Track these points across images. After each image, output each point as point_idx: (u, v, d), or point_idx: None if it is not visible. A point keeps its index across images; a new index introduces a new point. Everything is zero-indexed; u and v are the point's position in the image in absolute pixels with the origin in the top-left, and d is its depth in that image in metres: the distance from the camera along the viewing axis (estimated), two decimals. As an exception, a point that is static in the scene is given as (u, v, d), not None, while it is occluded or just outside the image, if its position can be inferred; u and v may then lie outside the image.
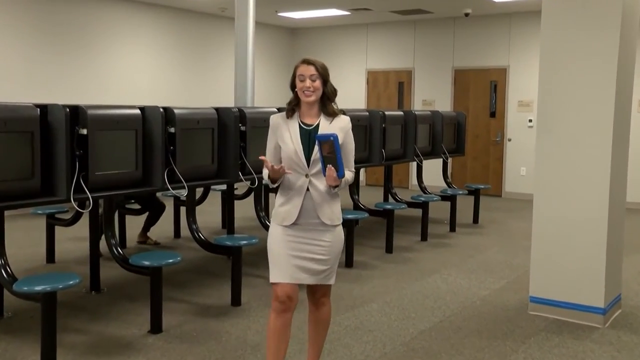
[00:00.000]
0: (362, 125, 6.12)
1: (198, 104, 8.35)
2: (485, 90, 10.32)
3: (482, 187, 7.94)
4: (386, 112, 6.45)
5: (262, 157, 2.72)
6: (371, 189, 10.63)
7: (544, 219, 4.19)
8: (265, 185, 5.27)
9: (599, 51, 3.89)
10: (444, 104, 10.55)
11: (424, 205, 6.73)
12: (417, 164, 7.45)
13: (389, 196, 7.30)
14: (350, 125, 2.82)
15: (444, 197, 7.25)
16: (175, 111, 4.13)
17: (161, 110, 3.98)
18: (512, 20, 9.99)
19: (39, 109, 3.40)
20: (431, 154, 7.38)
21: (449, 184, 7.97)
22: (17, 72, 8.13)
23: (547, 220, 4.18)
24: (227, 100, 9.34)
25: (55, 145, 3.44)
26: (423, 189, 7.61)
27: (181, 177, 4.10)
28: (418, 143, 7.00)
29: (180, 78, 10.14)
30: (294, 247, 2.73)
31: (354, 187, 6.64)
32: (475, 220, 7.76)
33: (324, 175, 2.67)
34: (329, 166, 2.63)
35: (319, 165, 2.69)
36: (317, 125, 2.76)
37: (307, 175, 2.72)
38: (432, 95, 10.79)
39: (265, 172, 2.74)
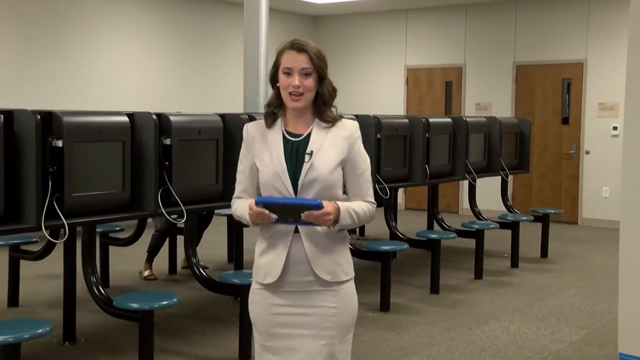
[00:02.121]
0: (401, 136, 6.11)
1: (199, 110, 8.40)
2: (555, 91, 10.25)
3: (553, 212, 7.86)
4: (430, 119, 6.43)
5: (257, 209, 2.30)
6: (412, 213, 10.57)
7: (634, 253, 4.10)
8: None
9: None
10: (503, 109, 10.49)
11: (478, 235, 6.68)
12: (469, 183, 7.40)
13: (434, 223, 7.26)
14: (358, 133, 2.48)
15: (504, 225, 7.19)
16: (172, 118, 4.16)
17: (154, 117, 4.01)
18: (591, 3, 9.93)
19: (2, 116, 3.44)
20: (487, 170, 7.34)
21: (509, 208, 7.89)
22: (-19, 71, 8.31)
23: (638, 255, 4.08)
24: (234, 105, 9.41)
25: (22, 161, 3.47)
26: (477, 214, 7.55)
27: (178, 200, 4.11)
28: (470, 157, 6.96)
29: (177, 78, 10.26)
30: (281, 323, 2.43)
31: (391, 211, 6.61)
32: (544, 253, 7.67)
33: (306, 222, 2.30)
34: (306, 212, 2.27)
35: (312, 194, 2.39)
36: (308, 136, 2.44)
37: None
38: (488, 97, 10.75)
39: (244, 210, 2.41)
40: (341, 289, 2.44)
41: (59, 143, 3.58)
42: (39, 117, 3.50)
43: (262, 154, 2.45)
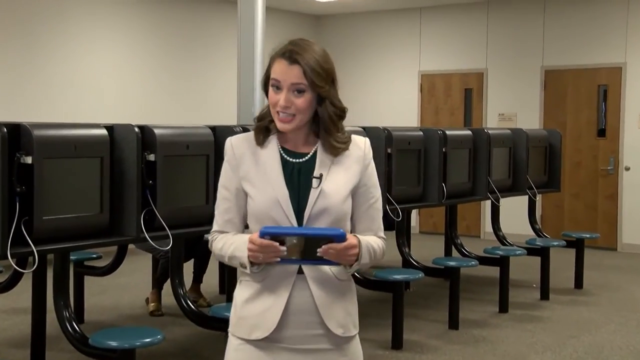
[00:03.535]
0: (414, 150, 6.12)
1: (187, 121, 8.42)
2: (590, 99, 10.26)
3: (588, 236, 7.85)
4: (448, 132, 6.45)
5: (263, 242, 2.11)
6: (427, 237, 10.56)
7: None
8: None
9: None
10: (530, 119, 10.50)
11: (502, 262, 6.67)
12: (492, 203, 7.40)
13: (453, 248, 7.25)
14: (371, 153, 2.34)
15: (532, 251, 7.18)
16: (156, 131, 4.18)
17: (136, 129, 4.03)
18: (630, 1, 9.97)
19: (-37, 129, 3.46)
20: (512, 189, 7.35)
21: (538, 232, 7.89)
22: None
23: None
24: (227, 116, 9.43)
25: (-12, 180, 3.48)
26: (501, 239, 7.54)
27: (164, 223, 4.11)
28: (493, 174, 6.97)
29: (163, 86, 10.30)
30: None
31: (403, 235, 6.61)
32: (579, 284, 7.65)
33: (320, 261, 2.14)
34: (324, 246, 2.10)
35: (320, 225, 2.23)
36: (314, 157, 2.28)
37: None
38: (513, 107, 10.77)
39: (237, 247, 2.23)
40: (350, 347, 2.28)
41: (28, 159, 3.59)
42: (5, 130, 3.51)
43: (253, 177, 2.26)
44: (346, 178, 2.27)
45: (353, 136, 2.33)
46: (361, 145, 2.32)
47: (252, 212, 2.27)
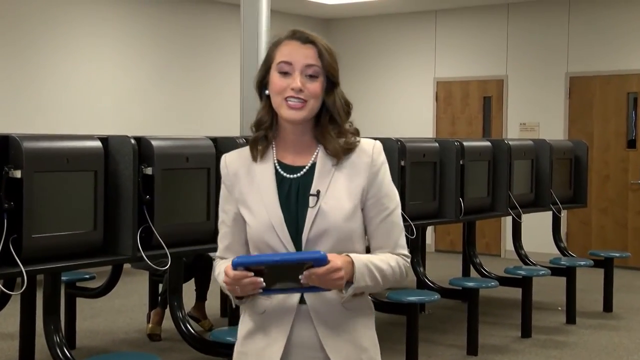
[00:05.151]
0: (429, 162, 6.12)
1: (187, 132, 8.45)
2: (619, 107, 10.25)
3: (617, 255, 7.82)
4: (465, 143, 6.45)
5: (235, 274, 2.03)
6: (443, 256, 10.54)
7: None
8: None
9: None
10: (554, 129, 10.49)
11: (525, 283, 6.64)
12: (514, 220, 7.39)
13: (471, 268, 7.22)
14: (382, 157, 2.23)
15: (556, 271, 7.15)
16: (154, 143, 4.19)
17: (132, 141, 4.03)
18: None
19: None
20: (535, 204, 7.33)
21: (563, 251, 7.86)
22: None
23: None
24: (229, 127, 9.45)
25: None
26: (523, 258, 7.52)
27: (161, 241, 4.11)
28: (514, 188, 6.95)
29: (160, 94, 10.32)
30: None
31: (418, 254, 6.60)
32: (608, 306, 7.61)
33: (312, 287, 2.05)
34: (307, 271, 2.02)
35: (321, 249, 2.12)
36: (312, 169, 2.19)
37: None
38: (536, 116, 10.77)
39: (220, 278, 2.18)
40: None
41: (17, 173, 3.59)
42: (-7, 142, 3.54)
43: (248, 199, 2.19)
44: (349, 191, 2.17)
45: (363, 142, 2.23)
46: (369, 150, 2.21)
47: (250, 238, 2.21)
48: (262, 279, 2.00)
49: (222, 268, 2.16)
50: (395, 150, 5.65)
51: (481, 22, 11.17)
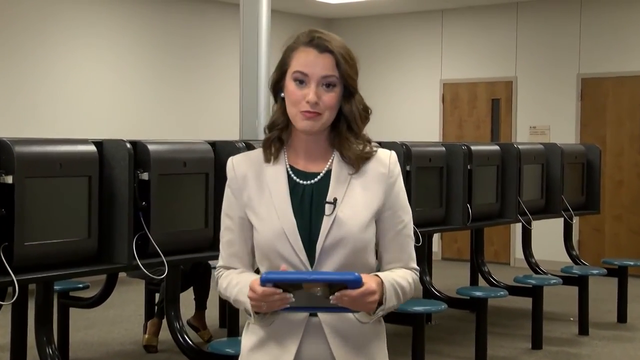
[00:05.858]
0: (436, 167, 6.11)
1: (184, 136, 8.45)
2: (633, 110, 10.24)
3: (632, 263, 7.79)
4: (473, 147, 6.45)
5: (265, 290, 1.97)
6: (450, 265, 10.53)
7: None
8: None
9: None
10: (565, 133, 10.48)
11: (535, 292, 6.64)
12: (523, 227, 7.38)
13: (479, 277, 7.22)
14: (398, 169, 2.23)
15: (568, 280, 7.14)
16: (150, 147, 4.19)
17: (128, 145, 4.03)
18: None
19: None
20: (545, 211, 7.33)
21: (575, 259, 7.85)
22: None
23: None
24: (228, 130, 9.45)
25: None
26: (533, 266, 7.51)
27: (158, 249, 4.11)
28: (524, 194, 6.95)
29: (157, 97, 10.34)
30: None
31: (424, 262, 6.59)
32: (622, 317, 7.59)
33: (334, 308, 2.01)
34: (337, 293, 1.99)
35: (335, 263, 2.12)
36: (327, 177, 2.17)
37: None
38: (546, 119, 10.76)
39: (239, 290, 2.14)
40: None
41: (9, 179, 3.59)
42: (-16, 146, 3.53)
43: (257, 204, 2.16)
44: (367, 200, 2.15)
45: (379, 151, 2.23)
46: (385, 161, 2.21)
47: (257, 245, 2.17)
48: (291, 295, 1.97)
49: (232, 280, 2.16)
50: (401, 154, 5.63)
51: (489, 21, 11.17)
